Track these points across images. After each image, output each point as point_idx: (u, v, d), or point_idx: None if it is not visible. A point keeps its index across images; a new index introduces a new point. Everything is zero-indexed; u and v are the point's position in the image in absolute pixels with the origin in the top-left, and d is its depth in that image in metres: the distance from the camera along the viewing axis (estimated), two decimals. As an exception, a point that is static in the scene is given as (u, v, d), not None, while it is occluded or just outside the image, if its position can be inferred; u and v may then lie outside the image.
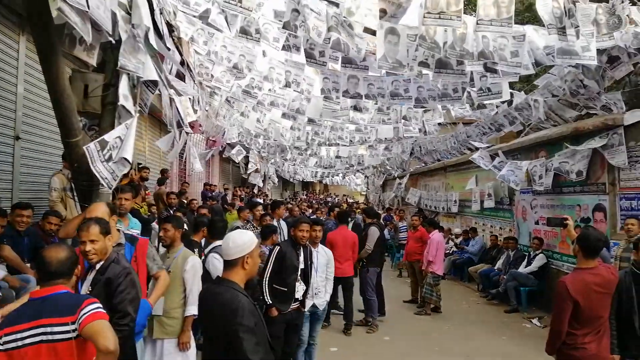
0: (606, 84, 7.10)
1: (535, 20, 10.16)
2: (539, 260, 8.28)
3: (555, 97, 8.02)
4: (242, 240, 2.47)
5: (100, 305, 2.26)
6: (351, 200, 29.26)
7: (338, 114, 9.64)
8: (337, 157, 18.58)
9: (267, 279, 4.55)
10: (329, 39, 5.92)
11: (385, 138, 13.17)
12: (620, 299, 3.79)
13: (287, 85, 8.02)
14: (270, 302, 4.48)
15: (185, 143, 8.67)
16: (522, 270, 8.45)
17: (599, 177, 7.23)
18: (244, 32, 6.71)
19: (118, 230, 3.53)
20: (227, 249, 2.45)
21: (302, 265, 4.72)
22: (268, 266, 4.60)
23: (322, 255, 5.21)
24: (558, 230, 8.08)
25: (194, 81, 10.39)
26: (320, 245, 5.27)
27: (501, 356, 6.11)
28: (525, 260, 8.63)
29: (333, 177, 24.62)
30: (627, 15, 5.48)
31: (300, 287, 4.69)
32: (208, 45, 7.71)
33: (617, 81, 7.45)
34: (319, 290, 5.08)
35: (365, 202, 25.61)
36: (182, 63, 9.32)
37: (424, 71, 7.10)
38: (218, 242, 4.41)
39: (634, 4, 5.50)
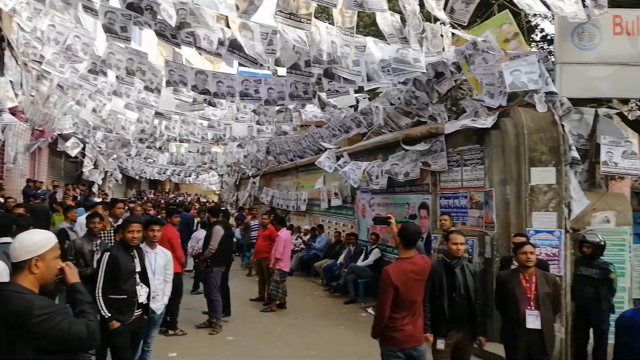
0: (434, 97, 8.03)
1: (379, 34, 11.05)
2: (375, 254, 9.03)
3: (393, 105, 8.83)
4: (31, 240, 2.24)
5: None
6: (204, 200, 28.49)
7: (194, 108, 9.24)
8: (190, 152, 17.88)
9: (100, 289, 4.13)
10: (179, 26, 5.64)
11: (239, 136, 13.10)
12: (433, 285, 4.29)
13: (131, 73, 7.41)
14: (109, 314, 4.09)
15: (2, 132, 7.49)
16: (360, 263, 9.13)
17: (424, 178, 8.16)
18: (88, 8, 6.03)
19: None
20: (14, 250, 2.22)
21: (138, 268, 4.40)
22: (99, 276, 4.18)
23: (161, 257, 4.96)
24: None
25: (16, 61, 9.03)
26: (158, 246, 5.01)
27: (338, 345, 6.50)
28: (363, 254, 9.34)
29: (185, 175, 23.60)
30: (443, 35, 6.26)
31: (142, 291, 4.36)
32: (33, 21, 6.75)
33: (442, 94, 8.50)
34: (157, 294, 4.81)
35: (218, 202, 25.14)
36: (2, 39, 8.06)
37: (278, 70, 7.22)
38: (5, 239, 3.91)
39: (453, 27, 6.31)
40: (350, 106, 10.54)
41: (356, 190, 10.66)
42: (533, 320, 4.02)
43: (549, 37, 13.93)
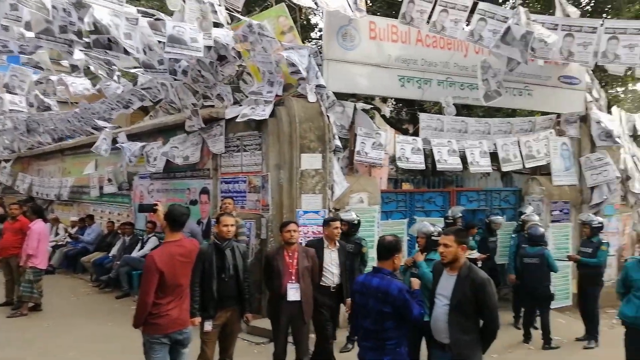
0: (220, 78, 7.90)
1: (163, 9, 10.28)
2: (152, 243, 8.48)
3: (179, 80, 8.37)
4: None
5: None
6: None
7: None
8: None
9: None
10: None
11: (-19, 110, 10.68)
12: (203, 267, 4.24)
13: None
14: None
15: None
16: (135, 254, 8.51)
17: (205, 163, 8.04)
18: None
19: None
20: None
21: None
22: None
23: None
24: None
25: None
26: None
27: (104, 342, 5.96)
28: (139, 244, 8.74)
29: None
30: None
31: None
32: None
33: (230, 76, 8.44)
34: None
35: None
36: None
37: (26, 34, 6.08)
38: None
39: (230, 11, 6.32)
40: (130, 80, 9.67)
41: (133, 176, 9.88)
42: (294, 293, 4.34)
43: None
